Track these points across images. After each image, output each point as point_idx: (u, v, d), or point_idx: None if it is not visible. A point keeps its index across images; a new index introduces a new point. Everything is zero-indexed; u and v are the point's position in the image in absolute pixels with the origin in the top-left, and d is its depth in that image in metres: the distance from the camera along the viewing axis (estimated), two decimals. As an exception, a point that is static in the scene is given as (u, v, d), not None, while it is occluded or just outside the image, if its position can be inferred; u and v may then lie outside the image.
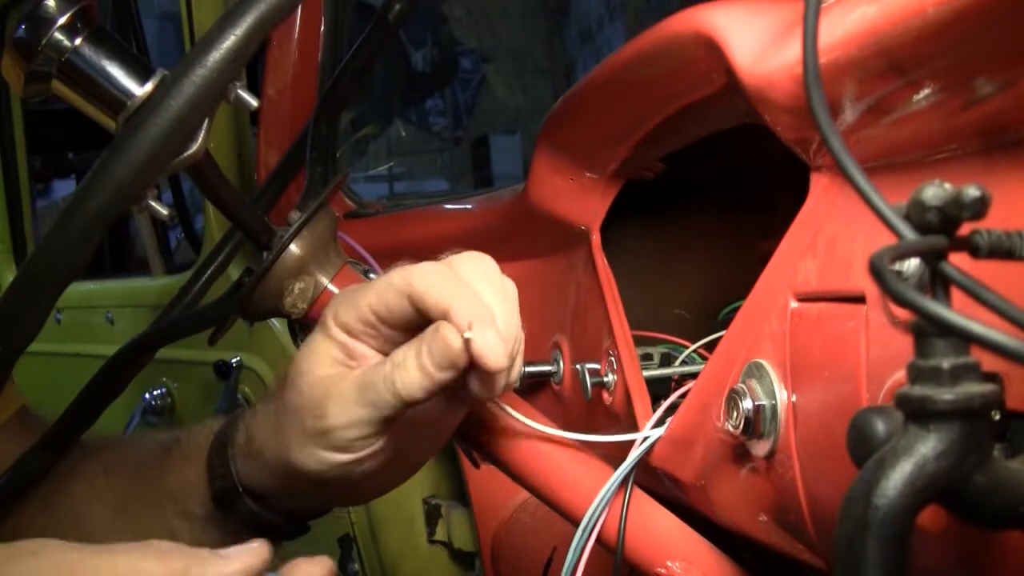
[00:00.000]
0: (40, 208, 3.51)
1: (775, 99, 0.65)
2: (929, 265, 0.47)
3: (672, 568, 0.86)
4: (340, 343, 0.75)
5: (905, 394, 0.46)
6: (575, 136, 0.94)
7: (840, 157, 0.51)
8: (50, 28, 0.74)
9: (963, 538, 0.53)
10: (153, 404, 1.88)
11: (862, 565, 0.45)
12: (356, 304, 0.74)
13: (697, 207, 1.10)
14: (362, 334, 0.75)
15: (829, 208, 0.67)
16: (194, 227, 2.17)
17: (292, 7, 0.68)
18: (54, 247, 0.68)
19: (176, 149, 0.69)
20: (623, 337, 0.91)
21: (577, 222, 0.98)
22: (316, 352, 0.76)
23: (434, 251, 0.78)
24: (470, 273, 0.73)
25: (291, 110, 1.48)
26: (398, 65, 4.49)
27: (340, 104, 1.12)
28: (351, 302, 0.75)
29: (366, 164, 4.83)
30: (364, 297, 0.74)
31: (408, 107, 5.76)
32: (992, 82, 0.51)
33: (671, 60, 0.75)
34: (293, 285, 0.85)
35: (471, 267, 0.74)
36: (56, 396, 1.23)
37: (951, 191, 0.46)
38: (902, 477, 0.45)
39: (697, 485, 0.80)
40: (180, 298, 1.13)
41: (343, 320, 0.75)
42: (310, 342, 0.77)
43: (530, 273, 1.14)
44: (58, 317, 2.22)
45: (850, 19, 0.57)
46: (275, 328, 1.61)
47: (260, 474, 0.82)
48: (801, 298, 0.67)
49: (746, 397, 0.69)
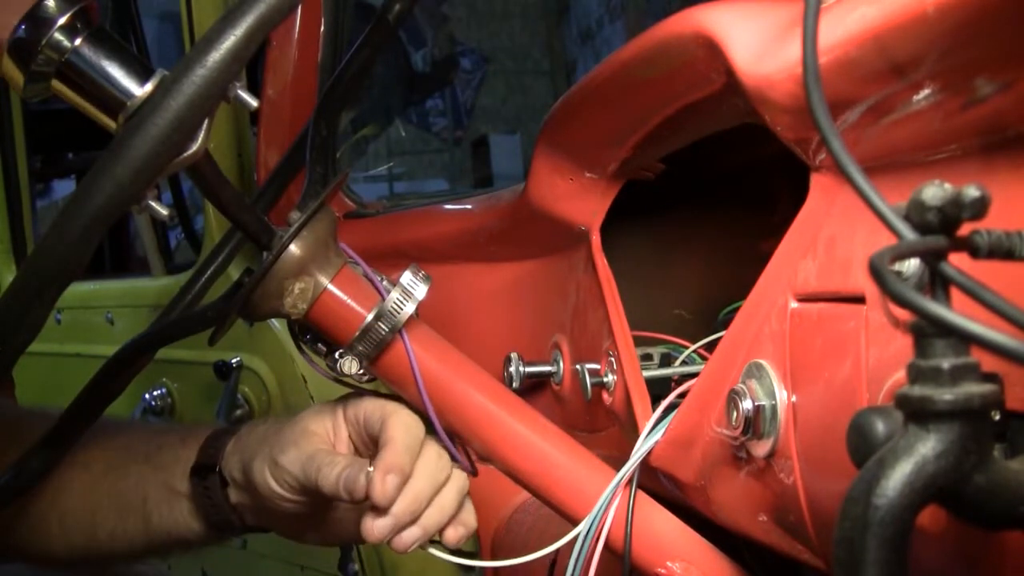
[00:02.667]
0: (40, 208, 3.51)
1: (775, 99, 0.65)
2: (929, 265, 0.47)
3: (672, 568, 0.86)
4: (336, 421, 0.92)
5: (905, 394, 0.46)
6: (575, 136, 0.94)
7: (840, 157, 0.51)
8: (50, 28, 0.74)
9: (963, 538, 0.53)
10: (153, 404, 1.87)
11: (862, 565, 0.45)
12: (362, 403, 0.91)
13: (697, 207, 1.10)
14: (351, 427, 0.91)
15: (829, 208, 0.67)
16: (194, 227, 2.17)
17: (292, 7, 0.68)
18: (54, 247, 0.68)
19: (176, 149, 0.69)
20: (623, 337, 0.91)
21: (577, 222, 0.98)
22: (319, 415, 0.92)
23: (434, 251, 0.78)
24: (428, 457, 0.87)
25: (291, 110, 1.48)
26: (398, 65, 4.49)
27: (340, 104, 1.12)
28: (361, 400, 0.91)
29: (366, 164, 4.83)
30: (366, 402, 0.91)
31: (408, 107, 5.76)
32: (992, 82, 0.51)
33: (671, 60, 0.75)
34: (293, 285, 0.85)
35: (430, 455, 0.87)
36: (56, 396, 1.23)
37: (951, 191, 0.46)
38: (902, 477, 0.45)
39: (697, 485, 0.80)
40: (180, 298, 1.13)
41: (348, 408, 0.92)
42: (324, 406, 0.93)
43: (530, 273, 1.14)
44: (58, 317, 2.21)
45: (850, 19, 0.57)
46: (275, 328, 1.61)
47: (235, 462, 0.95)
48: (801, 298, 0.67)
49: (746, 397, 0.69)
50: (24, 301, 0.70)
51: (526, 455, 0.89)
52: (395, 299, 0.86)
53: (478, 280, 1.22)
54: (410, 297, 0.86)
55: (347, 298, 0.86)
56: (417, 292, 0.87)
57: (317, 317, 0.87)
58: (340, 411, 0.92)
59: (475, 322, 1.21)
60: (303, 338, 0.92)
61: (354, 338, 0.86)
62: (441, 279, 0.95)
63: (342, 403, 0.92)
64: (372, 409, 0.89)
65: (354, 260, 0.89)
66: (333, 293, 0.86)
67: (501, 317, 1.19)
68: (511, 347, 1.06)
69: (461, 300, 1.23)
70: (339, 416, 0.92)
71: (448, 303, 1.21)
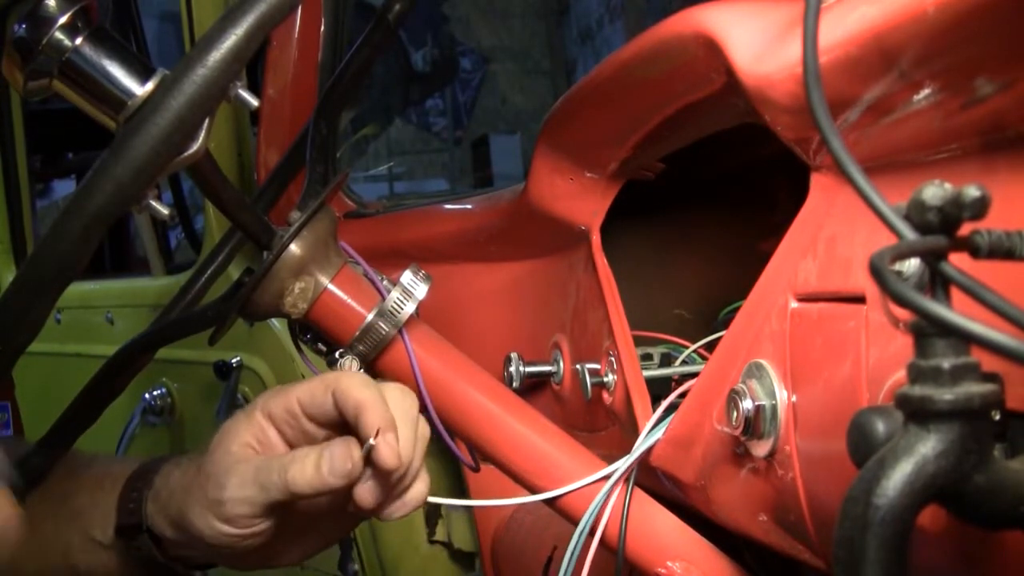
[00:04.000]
0: (40, 208, 3.51)
1: (775, 99, 0.65)
2: (929, 265, 0.47)
3: (672, 568, 0.86)
4: (258, 427, 0.80)
5: (905, 394, 0.46)
6: (575, 136, 0.94)
7: (840, 157, 0.51)
8: (50, 28, 0.74)
9: (963, 538, 0.53)
10: (153, 404, 1.87)
11: (862, 565, 0.45)
12: (286, 394, 0.80)
13: (697, 207, 1.10)
14: (282, 423, 0.80)
15: (829, 208, 0.67)
16: (194, 227, 2.17)
17: (292, 7, 0.68)
18: (54, 247, 0.68)
19: (176, 149, 0.69)
20: (623, 337, 0.91)
21: (577, 222, 0.98)
22: (235, 431, 0.81)
23: (434, 251, 0.78)
24: (392, 399, 0.78)
25: (291, 110, 1.48)
26: (398, 65, 4.49)
27: (340, 104, 1.12)
28: (283, 392, 0.81)
29: (366, 164, 4.83)
30: (294, 389, 0.80)
31: (408, 107, 5.76)
32: (992, 82, 0.51)
33: (671, 60, 0.75)
34: (293, 285, 0.85)
35: (393, 394, 0.79)
36: (56, 396, 1.23)
37: (951, 191, 0.46)
38: (902, 477, 0.45)
39: (697, 485, 0.80)
40: (180, 298, 1.13)
41: (269, 407, 0.80)
42: (233, 419, 0.82)
43: (530, 273, 1.14)
44: (58, 317, 2.21)
45: (850, 19, 0.57)
46: (275, 328, 1.61)
47: (163, 521, 0.84)
48: (801, 298, 0.67)
49: (746, 397, 0.69)
50: (24, 301, 0.70)
51: (526, 455, 0.89)
52: (395, 298, 0.86)
53: (478, 280, 1.22)
54: (410, 297, 0.86)
55: (347, 298, 0.86)
56: (417, 292, 0.87)
57: (317, 317, 0.87)
58: (256, 417, 0.81)
59: (475, 322, 1.21)
60: (303, 338, 0.92)
61: (354, 338, 0.86)
62: (441, 279, 0.95)
63: (250, 411, 0.82)
64: (312, 390, 0.79)
65: (354, 260, 0.89)
66: (333, 293, 0.86)
67: (501, 317, 1.19)
68: (511, 347, 1.06)
69: (461, 300, 1.23)
70: (257, 423, 0.81)
71: (448, 303, 1.21)
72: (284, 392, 0.80)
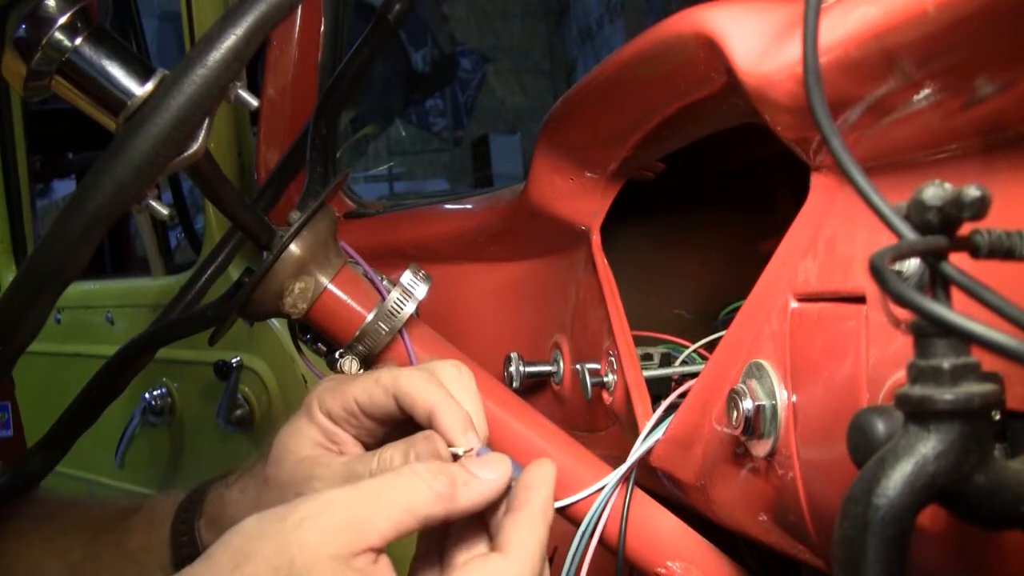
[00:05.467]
0: (40, 208, 3.51)
1: (775, 99, 0.65)
2: (929, 265, 0.47)
3: (672, 568, 0.86)
4: (323, 428, 0.79)
5: (905, 394, 0.46)
6: (575, 136, 0.94)
7: (840, 157, 0.51)
8: (50, 27, 0.74)
9: (963, 538, 0.53)
10: (153, 404, 1.87)
11: (862, 565, 0.45)
12: (342, 393, 0.78)
13: (697, 207, 1.10)
14: (343, 421, 0.79)
15: (829, 208, 0.67)
16: (194, 227, 2.17)
17: (292, 7, 0.68)
18: (54, 247, 0.68)
19: (176, 149, 0.69)
20: (623, 337, 0.91)
21: (577, 222, 0.98)
22: (301, 434, 0.79)
23: (434, 251, 0.78)
24: (450, 380, 0.77)
25: (291, 110, 1.48)
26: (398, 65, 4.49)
27: (340, 104, 1.12)
28: (338, 390, 0.79)
29: (366, 164, 4.83)
30: (351, 388, 0.78)
31: (408, 107, 5.76)
32: (992, 82, 0.51)
33: (671, 60, 0.75)
34: (293, 285, 0.85)
35: (451, 374, 0.77)
36: (56, 396, 1.24)
37: (951, 191, 0.46)
38: (902, 477, 0.45)
39: (697, 485, 0.80)
40: (180, 298, 1.13)
41: (328, 407, 0.79)
42: (294, 423, 0.80)
43: (530, 273, 1.14)
44: (58, 317, 2.22)
45: (850, 19, 0.57)
46: (275, 328, 1.61)
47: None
48: (801, 298, 0.67)
49: (746, 397, 0.69)
50: (24, 301, 0.70)
51: (526, 455, 0.89)
52: (395, 299, 0.86)
53: (478, 280, 1.22)
54: (410, 297, 0.86)
55: (347, 298, 0.86)
56: (417, 292, 0.87)
57: (317, 317, 0.87)
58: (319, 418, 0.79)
59: (475, 322, 1.21)
60: (303, 338, 0.92)
61: (354, 338, 0.86)
62: (441, 279, 0.95)
63: (309, 413, 0.80)
64: (369, 391, 0.77)
65: (354, 260, 0.89)
66: (333, 293, 0.86)
67: (501, 317, 1.19)
68: (511, 347, 1.06)
69: (461, 300, 1.23)
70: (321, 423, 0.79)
71: (448, 303, 1.21)
72: (338, 391, 0.78)
